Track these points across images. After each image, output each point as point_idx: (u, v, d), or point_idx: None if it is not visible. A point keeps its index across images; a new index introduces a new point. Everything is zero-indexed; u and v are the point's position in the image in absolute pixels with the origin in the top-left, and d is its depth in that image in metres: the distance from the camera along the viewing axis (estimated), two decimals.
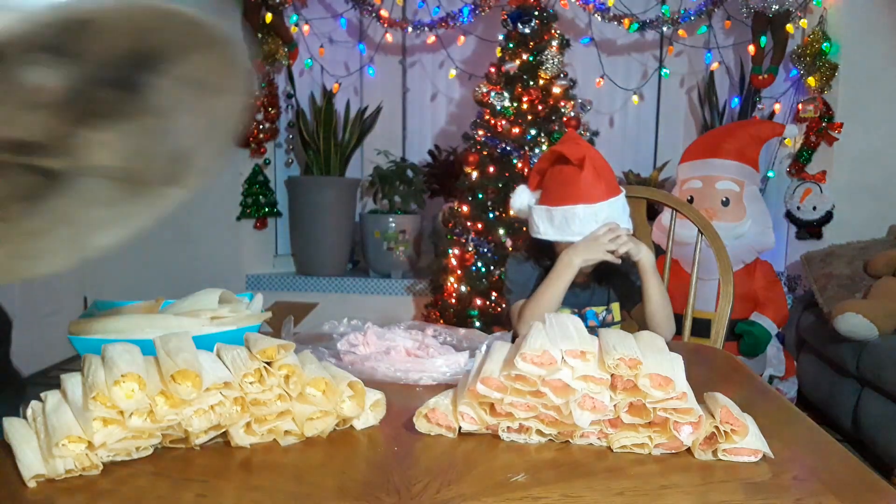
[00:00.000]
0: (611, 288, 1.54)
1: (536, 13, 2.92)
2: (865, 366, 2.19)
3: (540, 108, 2.91)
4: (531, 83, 2.92)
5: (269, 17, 3.38)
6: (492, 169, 2.95)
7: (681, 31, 3.23)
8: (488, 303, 2.97)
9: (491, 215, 2.96)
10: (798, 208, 3.06)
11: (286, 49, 3.51)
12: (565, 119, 2.93)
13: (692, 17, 3.10)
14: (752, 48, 3.11)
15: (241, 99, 0.64)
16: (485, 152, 2.98)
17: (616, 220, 1.39)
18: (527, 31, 2.91)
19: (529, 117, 2.91)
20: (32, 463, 0.70)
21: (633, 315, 1.56)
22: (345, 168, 3.68)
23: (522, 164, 2.89)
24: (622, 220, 1.41)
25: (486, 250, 2.96)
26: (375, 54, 3.79)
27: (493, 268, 2.95)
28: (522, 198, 1.49)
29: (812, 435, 0.84)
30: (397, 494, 0.67)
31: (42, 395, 0.78)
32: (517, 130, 2.91)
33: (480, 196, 2.96)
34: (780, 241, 3.09)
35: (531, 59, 2.91)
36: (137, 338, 0.79)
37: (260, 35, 3.43)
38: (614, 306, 1.53)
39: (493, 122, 2.96)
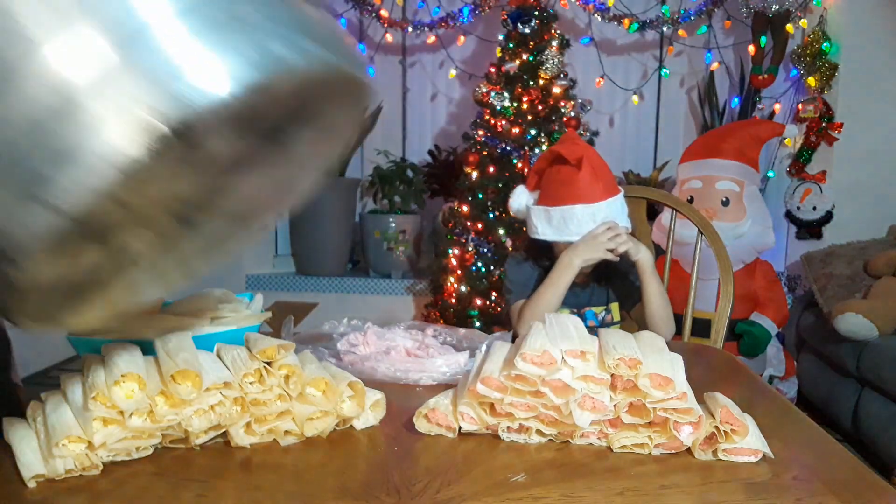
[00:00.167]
0: (610, 288, 1.54)
1: (536, 13, 2.92)
2: (865, 366, 2.19)
3: (540, 108, 2.91)
4: (531, 83, 2.92)
5: None
6: (492, 169, 2.95)
7: (681, 31, 3.22)
8: (488, 303, 2.97)
9: (491, 215, 2.96)
10: (798, 208, 3.06)
11: None
12: (565, 119, 2.93)
13: (692, 17, 3.10)
14: (752, 48, 3.11)
15: (354, 135, 0.64)
16: (485, 152, 2.97)
17: (614, 219, 1.39)
18: (527, 31, 2.91)
19: (529, 117, 2.91)
20: (32, 463, 0.70)
21: (632, 315, 1.56)
22: (345, 168, 3.68)
23: (522, 164, 2.89)
24: (620, 220, 1.41)
25: (486, 250, 2.96)
26: (375, 54, 3.79)
27: (493, 268, 2.95)
28: (521, 198, 1.49)
29: (812, 435, 0.84)
30: (397, 494, 0.67)
31: (42, 395, 0.78)
32: (517, 130, 2.91)
33: (480, 196, 2.96)
34: (780, 241, 3.08)
35: (531, 59, 2.91)
36: (137, 338, 0.79)
37: None
38: (613, 306, 1.53)
39: (493, 122, 2.96)
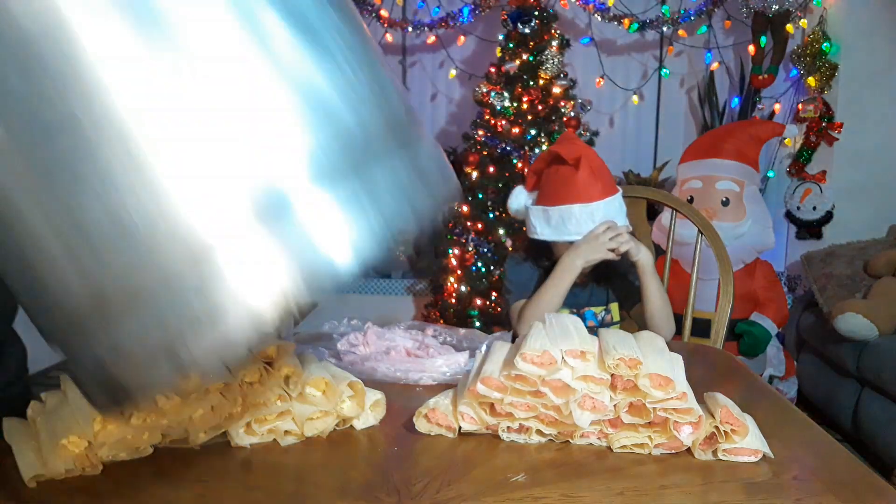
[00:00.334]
0: (609, 288, 1.54)
1: (536, 13, 2.92)
2: (865, 366, 2.19)
3: (540, 108, 2.91)
4: (531, 83, 2.91)
5: None
6: (492, 169, 2.95)
7: (681, 31, 3.22)
8: (488, 303, 2.97)
9: (491, 215, 2.95)
10: (798, 208, 3.06)
11: None
12: (565, 119, 2.93)
13: (692, 17, 3.09)
14: (752, 48, 3.11)
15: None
16: (485, 152, 2.97)
17: (612, 218, 1.39)
18: (527, 31, 2.90)
19: (529, 117, 2.91)
20: (32, 463, 0.70)
21: (632, 315, 1.56)
22: None
23: (522, 164, 2.89)
24: (619, 219, 1.41)
25: (486, 250, 2.96)
26: None
27: (493, 268, 2.95)
28: (519, 198, 1.49)
29: (812, 435, 0.84)
30: (397, 494, 0.67)
31: (42, 395, 0.78)
32: (517, 130, 2.90)
33: (480, 196, 2.96)
34: (780, 241, 3.08)
35: (531, 59, 2.91)
36: None
37: None
38: (613, 306, 1.53)
39: (493, 122, 2.96)
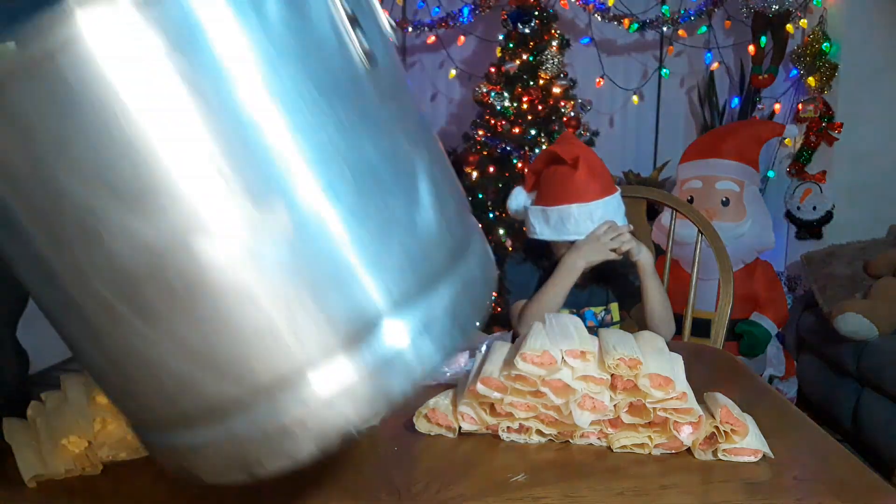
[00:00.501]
0: (609, 288, 1.53)
1: (536, 13, 2.92)
2: (865, 366, 2.19)
3: (540, 108, 2.91)
4: (531, 83, 2.91)
5: None
6: (492, 169, 2.95)
7: (681, 31, 3.22)
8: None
9: (491, 215, 2.95)
10: (798, 208, 3.06)
11: None
12: (565, 119, 2.93)
13: (692, 17, 3.09)
14: (752, 48, 3.11)
15: None
16: (485, 152, 2.97)
17: (611, 218, 1.39)
18: (527, 31, 2.90)
19: (529, 117, 2.91)
20: (32, 463, 0.70)
21: (632, 315, 1.56)
22: None
23: (522, 164, 2.89)
24: (618, 219, 1.41)
25: None
26: None
27: None
28: (519, 199, 1.50)
29: (812, 435, 0.84)
30: (397, 494, 0.67)
31: (42, 395, 0.78)
32: (517, 130, 2.90)
33: (480, 196, 2.96)
34: (780, 241, 3.08)
35: (531, 59, 2.91)
36: None
37: None
38: (613, 306, 1.53)
39: (493, 122, 2.96)
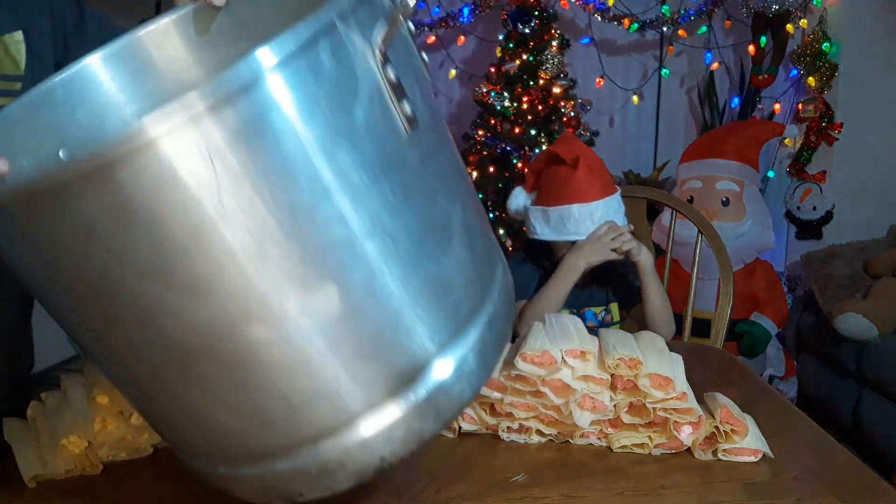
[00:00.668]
0: (609, 288, 1.53)
1: (536, 13, 2.92)
2: (865, 366, 2.19)
3: (540, 108, 2.91)
4: (531, 83, 2.91)
5: None
6: (492, 169, 2.95)
7: (681, 31, 3.21)
8: None
9: (491, 215, 2.95)
10: (798, 208, 3.06)
11: None
12: (565, 119, 2.93)
13: (692, 17, 3.09)
14: (752, 48, 3.11)
15: None
16: (485, 152, 2.97)
17: (611, 218, 1.39)
18: (527, 31, 2.90)
19: (529, 117, 2.91)
20: (32, 463, 0.70)
21: (632, 315, 1.56)
22: None
23: (522, 164, 2.89)
24: (618, 219, 1.41)
25: None
26: None
27: None
28: (519, 199, 1.50)
29: (812, 435, 0.84)
30: (397, 495, 0.67)
31: (42, 395, 0.78)
32: (517, 130, 2.90)
33: (480, 196, 2.96)
34: (780, 241, 3.08)
35: (531, 59, 2.91)
36: None
37: None
38: (613, 307, 1.53)
39: (493, 122, 2.96)
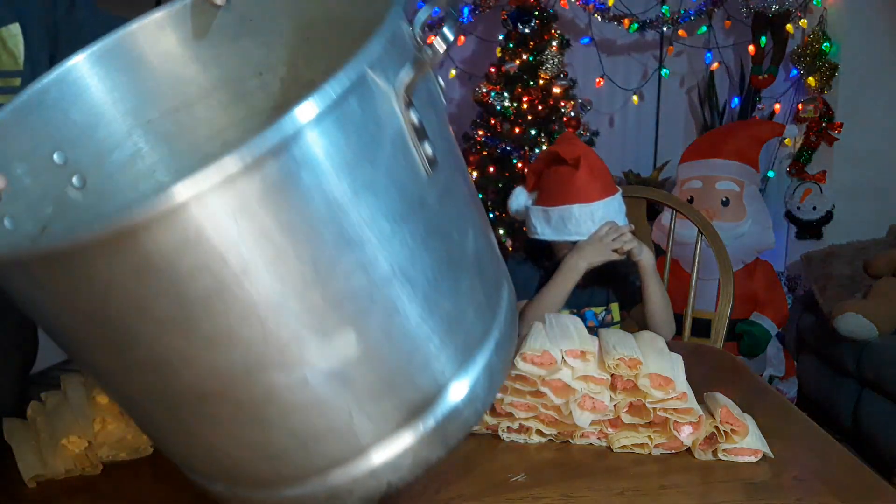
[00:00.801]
0: (610, 288, 1.53)
1: (536, 13, 2.92)
2: (865, 366, 2.19)
3: (540, 108, 2.91)
4: (531, 83, 2.91)
5: None
6: (492, 169, 2.95)
7: (681, 31, 3.21)
8: None
9: (491, 215, 2.95)
10: (798, 208, 3.06)
11: None
12: (565, 119, 2.93)
13: (692, 17, 3.09)
14: (752, 48, 3.11)
15: None
16: (485, 152, 2.97)
17: (612, 218, 1.39)
18: (527, 31, 2.90)
19: (529, 117, 2.91)
20: (32, 463, 0.70)
21: (632, 315, 1.56)
22: None
23: (522, 164, 2.89)
24: (619, 219, 1.41)
25: None
26: None
27: None
28: (519, 199, 1.50)
29: (812, 435, 0.84)
30: (397, 494, 0.67)
31: (42, 395, 0.78)
32: (517, 130, 2.90)
33: (480, 196, 2.96)
34: (780, 241, 3.08)
35: (531, 59, 2.91)
36: None
37: None
38: (613, 307, 1.53)
39: (493, 122, 2.96)
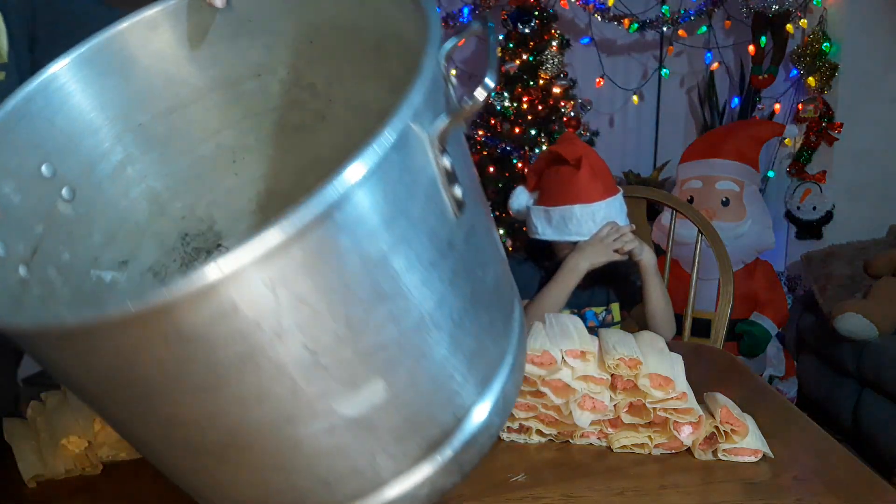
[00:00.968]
0: (610, 288, 1.53)
1: (536, 13, 2.92)
2: (865, 366, 2.19)
3: (540, 108, 2.91)
4: (531, 83, 2.91)
5: None
6: (492, 169, 2.95)
7: (681, 31, 3.21)
8: None
9: (491, 215, 2.95)
10: (798, 208, 3.06)
11: None
12: (565, 119, 2.93)
13: (692, 17, 3.09)
14: (752, 48, 3.11)
15: None
16: (485, 152, 2.97)
17: (613, 219, 1.39)
18: (527, 31, 2.91)
19: (529, 117, 2.91)
20: (32, 463, 0.70)
21: (633, 315, 1.56)
22: None
23: (522, 164, 2.89)
24: (620, 220, 1.41)
25: None
26: None
27: None
28: (520, 199, 1.50)
29: (812, 435, 0.84)
30: None
31: (42, 395, 0.78)
32: (517, 130, 2.91)
33: None
34: (780, 241, 3.08)
35: (531, 59, 2.91)
36: None
37: None
38: (614, 307, 1.53)
39: (493, 122, 2.96)
